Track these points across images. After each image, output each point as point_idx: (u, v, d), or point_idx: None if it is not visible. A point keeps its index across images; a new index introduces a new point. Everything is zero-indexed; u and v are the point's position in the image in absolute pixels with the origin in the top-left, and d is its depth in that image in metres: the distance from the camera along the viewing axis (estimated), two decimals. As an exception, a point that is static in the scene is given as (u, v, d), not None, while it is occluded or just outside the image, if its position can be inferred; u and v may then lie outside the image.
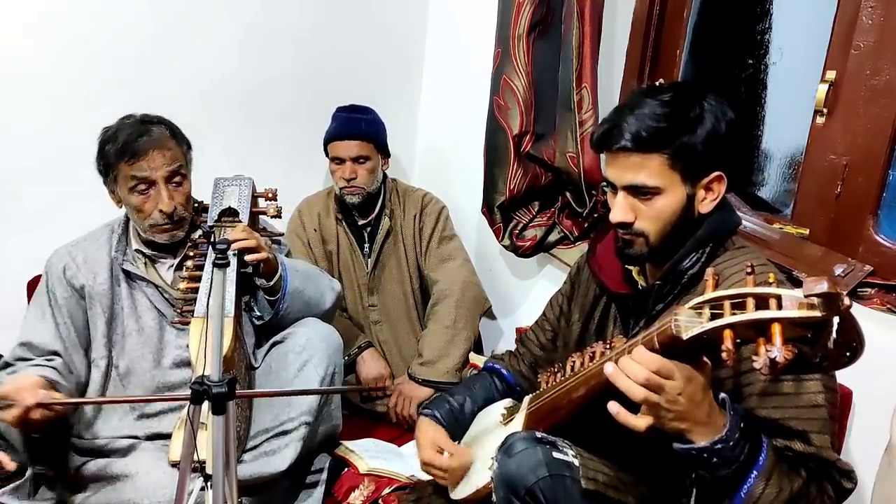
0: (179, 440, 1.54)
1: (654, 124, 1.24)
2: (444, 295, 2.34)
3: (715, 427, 1.10)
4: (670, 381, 1.06)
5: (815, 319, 0.89)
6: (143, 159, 1.71)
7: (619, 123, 1.26)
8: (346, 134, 2.32)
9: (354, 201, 2.35)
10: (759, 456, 1.12)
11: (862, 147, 1.66)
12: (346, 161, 2.31)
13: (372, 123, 2.37)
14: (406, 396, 2.24)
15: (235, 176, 1.84)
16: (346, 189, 2.33)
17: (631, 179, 1.27)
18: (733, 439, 1.10)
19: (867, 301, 1.58)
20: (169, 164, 1.73)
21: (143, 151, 1.71)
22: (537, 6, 2.03)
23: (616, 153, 1.28)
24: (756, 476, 1.12)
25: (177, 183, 1.76)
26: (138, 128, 1.73)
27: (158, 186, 1.73)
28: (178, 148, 1.78)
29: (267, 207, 1.83)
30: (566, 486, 1.25)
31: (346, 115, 2.37)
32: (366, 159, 2.32)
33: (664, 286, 1.32)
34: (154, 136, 1.73)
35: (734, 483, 1.12)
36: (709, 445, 1.09)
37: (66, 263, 1.79)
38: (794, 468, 1.16)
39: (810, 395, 1.18)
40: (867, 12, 1.63)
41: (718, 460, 1.10)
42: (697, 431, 1.10)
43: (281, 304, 1.80)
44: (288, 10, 2.45)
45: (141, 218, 1.76)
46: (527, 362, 1.69)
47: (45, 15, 2.07)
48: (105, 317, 1.78)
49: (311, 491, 1.86)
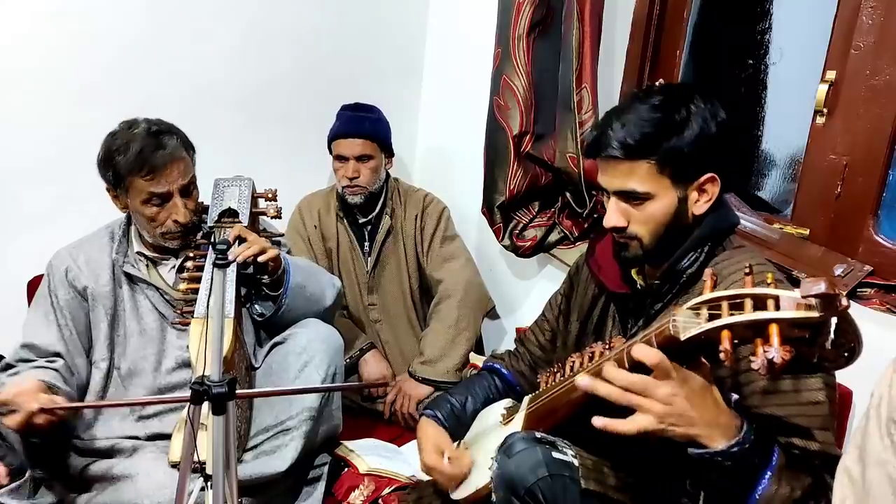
0: (179, 441, 1.55)
1: (641, 131, 1.24)
2: (448, 294, 2.34)
3: (727, 428, 1.09)
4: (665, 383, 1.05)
5: (813, 320, 0.89)
6: (161, 174, 1.69)
7: (607, 131, 1.27)
8: (350, 132, 2.31)
9: (356, 201, 2.34)
10: (771, 456, 1.12)
11: (862, 147, 1.66)
12: (349, 159, 2.30)
13: (376, 122, 2.36)
14: (405, 394, 2.25)
15: (235, 176, 1.84)
16: (349, 188, 2.32)
17: (620, 185, 1.28)
18: (750, 441, 1.09)
19: (867, 301, 1.58)
20: (184, 178, 1.73)
21: (161, 166, 1.69)
22: (537, 6, 2.03)
23: (606, 160, 1.29)
24: (770, 477, 1.11)
25: (189, 192, 1.77)
26: (152, 140, 1.70)
27: (174, 199, 1.73)
28: (189, 157, 1.77)
29: (267, 208, 1.83)
30: (566, 486, 1.25)
31: (350, 114, 2.36)
32: (369, 158, 2.31)
33: (662, 286, 1.33)
34: (169, 150, 1.71)
35: (748, 484, 1.11)
36: (725, 449, 1.08)
37: (68, 265, 1.79)
38: (801, 466, 1.15)
39: (811, 392, 1.18)
40: (867, 12, 1.63)
41: (733, 464, 1.09)
42: (708, 435, 1.08)
43: (283, 300, 1.80)
44: (288, 10, 2.45)
45: (153, 226, 1.75)
46: (527, 362, 1.70)
47: (44, 15, 2.07)
48: (107, 318, 1.78)
49: (312, 491, 1.86)
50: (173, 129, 1.77)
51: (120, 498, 1.60)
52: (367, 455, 1.96)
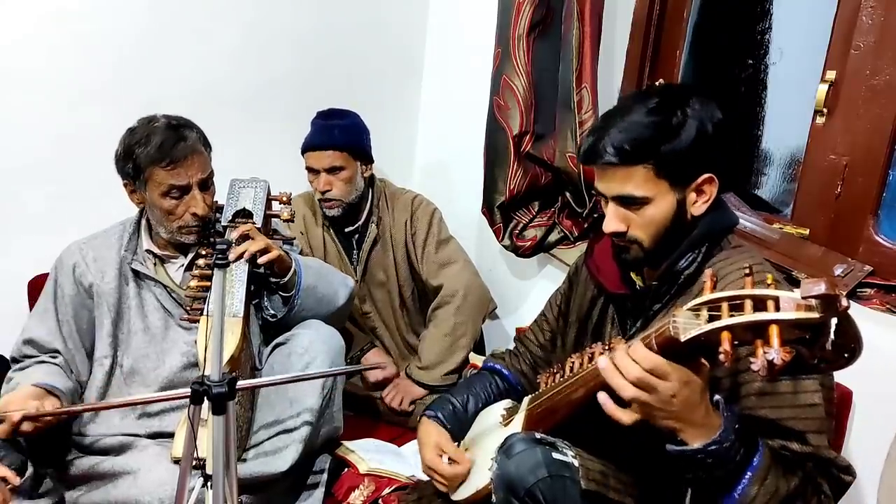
0: (183, 436, 1.55)
1: (636, 137, 1.24)
2: (446, 301, 2.30)
3: (709, 428, 1.10)
4: (664, 382, 1.06)
5: (813, 321, 0.89)
6: (182, 165, 1.70)
7: (603, 137, 1.26)
8: (319, 144, 2.21)
9: (334, 214, 2.27)
10: (753, 457, 1.12)
11: (862, 147, 1.66)
12: (320, 172, 2.22)
13: (346, 130, 2.24)
14: (401, 391, 2.25)
15: (251, 178, 1.86)
16: (324, 202, 2.25)
17: (619, 191, 1.28)
18: (728, 440, 1.09)
19: (867, 301, 1.58)
20: (203, 171, 1.75)
21: (182, 157, 1.70)
22: (537, 6, 2.03)
23: (603, 166, 1.28)
24: (750, 477, 1.11)
25: (207, 187, 1.78)
26: (173, 133, 1.72)
27: (193, 192, 1.74)
28: (207, 153, 1.79)
29: (280, 211, 1.85)
30: (566, 487, 1.25)
31: (321, 123, 2.26)
32: (340, 169, 2.21)
33: (661, 287, 1.32)
34: (190, 142, 1.72)
35: (728, 483, 1.12)
36: (701, 447, 1.09)
37: (76, 261, 1.80)
38: (790, 468, 1.15)
39: (807, 394, 1.18)
40: (867, 12, 1.63)
41: (713, 461, 1.10)
42: (690, 433, 1.10)
43: (295, 301, 1.81)
44: (288, 11, 2.45)
45: (170, 220, 1.76)
46: (527, 361, 1.70)
47: (45, 15, 2.07)
48: (111, 315, 1.78)
49: (312, 491, 1.86)
50: (191, 124, 1.79)
51: (121, 494, 1.61)
52: (367, 455, 1.96)
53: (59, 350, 1.75)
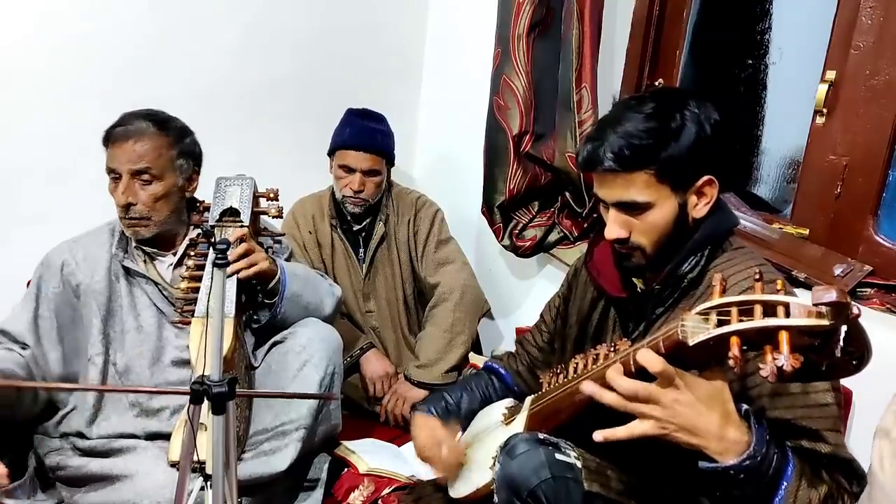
0: (179, 441, 1.54)
1: (636, 143, 1.23)
2: (443, 298, 2.31)
3: (734, 442, 1.07)
4: (669, 389, 1.04)
5: (823, 328, 0.89)
6: (117, 148, 1.72)
7: (602, 143, 1.25)
8: (362, 146, 2.24)
9: (357, 211, 2.30)
10: (786, 467, 1.10)
11: (862, 147, 1.67)
12: (356, 171, 2.25)
13: (387, 136, 2.31)
14: (400, 396, 2.24)
15: (237, 175, 1.83)
16: (351, 200, 2.27)
17: (620, 197, 1.27)
18: (761, 454, 1.07)
19: (867, 301, 1.59)
20: (135, 163, 1.72)
21: (115, 141, 1.72)
22: (537, 6, 2.03)
23: (603, 173, 1.28)
24: (786, 488, 1.09)
25: (144, 181, 1.74)
26: (125, 118, 1.74)
27: (125, 179, 1.72)
28: (163, 150, 1.75)
29: (268, 207, 1.83)
30: (569, 488, 1.25)
31: (361, 124, 2.28)
32: (376, 173, 2.27)
33: (663, 290, 1.32)
34: (132, 129, 1.72)
35: (764, 498, 1.10)
36: (737, 464, 1.06)
37: (66, 259, 1.79)
38: (817, 473, 1.14)
39: (819, 394, 1.18)
40: (867, 12, 1.64)
41: (746, 477, 1.07)
42: (714, 448, 1.06)
43: (278, 309, 1.79)
44: (288, 11, 2.44)
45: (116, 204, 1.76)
46: (525, 363, 1.69)
47: (45, 15, 2.06)
48: (101, 314, 1.77)
49: (311, 491, 1.86)
50: (160, 119, 1.77)
51: (119, 497, 1.60)
52: (366, 455, 1.95)
53: (29, 343, 1.74)
